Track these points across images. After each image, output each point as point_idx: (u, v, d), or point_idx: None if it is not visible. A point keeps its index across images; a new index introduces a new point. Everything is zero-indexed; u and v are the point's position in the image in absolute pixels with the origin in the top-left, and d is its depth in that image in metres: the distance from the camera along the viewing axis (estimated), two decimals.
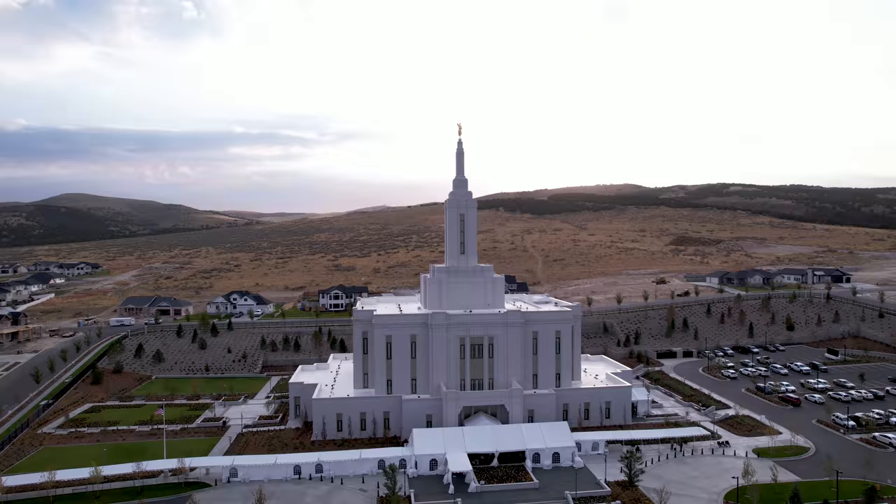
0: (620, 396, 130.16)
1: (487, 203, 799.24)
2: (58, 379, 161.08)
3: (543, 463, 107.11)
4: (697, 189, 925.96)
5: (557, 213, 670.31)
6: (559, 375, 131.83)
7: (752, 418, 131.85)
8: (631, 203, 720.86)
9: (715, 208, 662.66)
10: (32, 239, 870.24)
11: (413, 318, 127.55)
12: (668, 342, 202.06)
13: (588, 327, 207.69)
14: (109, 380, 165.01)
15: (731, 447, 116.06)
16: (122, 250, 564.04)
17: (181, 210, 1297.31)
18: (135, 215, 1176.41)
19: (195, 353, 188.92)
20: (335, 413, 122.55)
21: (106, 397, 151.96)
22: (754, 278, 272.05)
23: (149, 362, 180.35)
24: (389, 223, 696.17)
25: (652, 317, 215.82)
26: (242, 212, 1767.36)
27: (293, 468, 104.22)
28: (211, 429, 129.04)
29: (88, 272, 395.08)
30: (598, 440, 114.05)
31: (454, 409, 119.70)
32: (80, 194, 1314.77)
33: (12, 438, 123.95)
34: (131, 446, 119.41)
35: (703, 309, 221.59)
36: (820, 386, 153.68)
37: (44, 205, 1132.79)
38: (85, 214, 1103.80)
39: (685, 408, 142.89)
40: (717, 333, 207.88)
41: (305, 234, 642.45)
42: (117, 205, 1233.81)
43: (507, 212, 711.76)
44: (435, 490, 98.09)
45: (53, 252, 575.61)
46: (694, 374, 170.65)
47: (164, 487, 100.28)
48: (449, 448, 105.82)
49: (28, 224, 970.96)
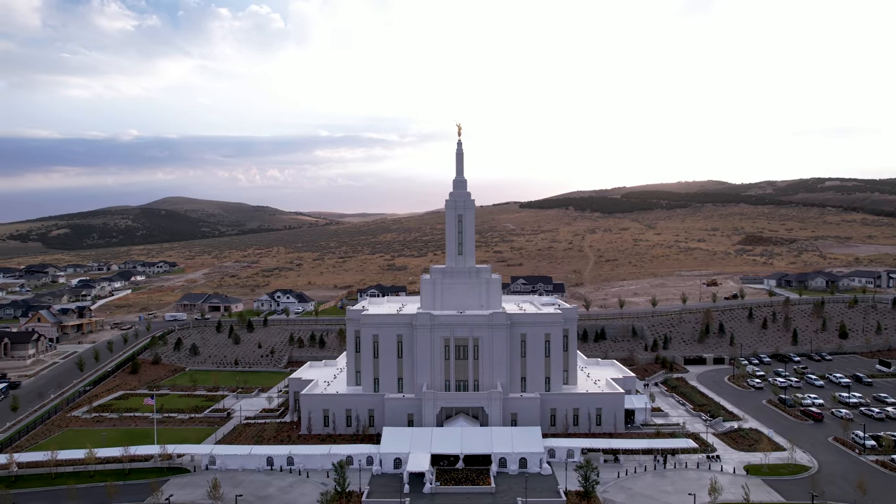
0: (612, 403, 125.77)
1: (557, 202, 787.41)
2: (101, 368, 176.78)
3: (510, 468, 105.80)
4: (787, 185, 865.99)
5: (629, 212, 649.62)
6: (549, 379, 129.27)
7: (758, 432, 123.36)
8: (709, 200, 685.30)
9: (801, 205, 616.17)
10: (136, 239, 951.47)
11: (399, 319, 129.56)
12: (699, 348, 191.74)
13: (616, 330, 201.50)
14: (146, 370, 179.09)
15: (721, 462, 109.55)
16: (203, 250, 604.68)
17: (267, 211, 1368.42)
18: (225, 217, 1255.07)
19: (229, 347, 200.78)
20: (322, 409, 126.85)
21: (137, 386, 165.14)
22: (816, 281, 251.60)
23: (185, 355, 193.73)
24: None
25: (687, 321, 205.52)
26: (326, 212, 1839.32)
27: (266, 459, 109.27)
28: (214, 419, 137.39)
29: (166, 270, 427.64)
30: (573, 447, 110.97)
31: (431, 409, 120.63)
32: (180, 197, 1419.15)
33: (45, 420, 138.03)
34: (140, 431, 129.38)
35: (745, 313, 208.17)
36: (853, 401, 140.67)
37: (147, 208, 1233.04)
38: (181, 216, 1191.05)
39: (693, 417, 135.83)
40: (756, 340, 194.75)
41: (373, 233, 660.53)
42: (210, 207, 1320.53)
43: (576, 210, 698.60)
44: (392, 488, 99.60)
45: (146, 251, 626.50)
46: (716, 383, 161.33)
47: (149, 471, 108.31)
48: (415, 448, 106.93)
49: (133, 226, 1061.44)
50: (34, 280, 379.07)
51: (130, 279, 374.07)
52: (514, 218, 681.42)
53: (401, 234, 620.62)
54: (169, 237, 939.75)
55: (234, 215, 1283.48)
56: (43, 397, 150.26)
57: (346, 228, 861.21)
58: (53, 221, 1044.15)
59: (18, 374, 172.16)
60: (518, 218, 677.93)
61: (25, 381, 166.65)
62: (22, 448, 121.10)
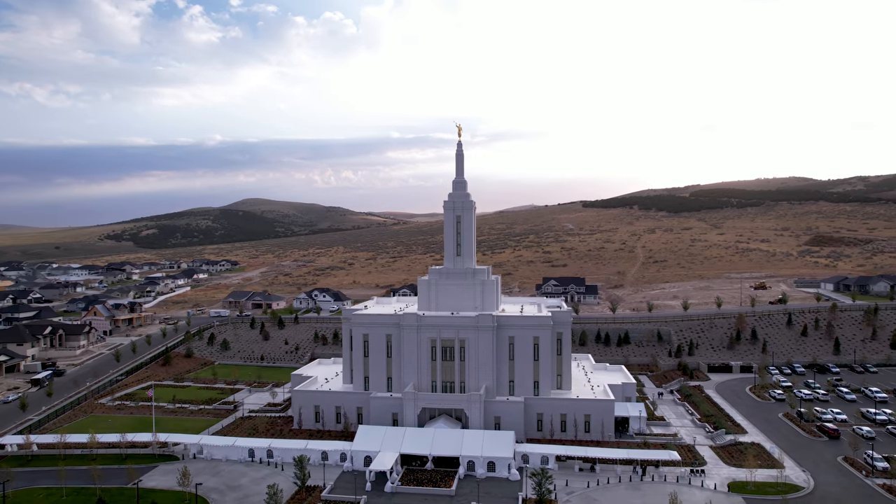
0: (600, 410, 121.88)
1: (622, 201, 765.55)
2: (137, 360, 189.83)
3: (478, 471, 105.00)
4: (882, 181, 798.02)
5: (695, 211, 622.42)
6: (537, 383, 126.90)
7: (759, 447, 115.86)
8: (785, 198, 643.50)
9: (893, 202, 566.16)
10: (214, 239, 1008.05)
11: (388, 319, 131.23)
12: (728, 355, 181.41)
13: (641, 335, 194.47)
14: (178, 363, 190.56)
15: (705, 476, 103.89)
16: (269, 249, 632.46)
17: (338, 212, 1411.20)
18: (298, 217, 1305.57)
19: (258, 343, 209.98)
20: (313, 405, 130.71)
21: (166, 377, 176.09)
22: (878, 285, 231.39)
23: (216, 350, 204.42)
24: (517, 222, 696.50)
25: (719, 326, 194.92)
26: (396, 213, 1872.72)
27: (248, 451, 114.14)
28: (220, 411, 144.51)
29: (228, 269, 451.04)
30: (548, 454, 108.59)
31: (412, 409, 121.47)
32: (258, 199, 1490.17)
33: (74, 406, 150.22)
34: (146, 419, 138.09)
35: (784, 319, 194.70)
36: (881, 417, 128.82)
37: (227, 209, 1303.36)
38: (258, 217, 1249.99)
39: (697, 428, 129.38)
40: (792, 348, 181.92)
41: (431, 233, 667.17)
42: (285, 208, 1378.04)
43: (641, 210, 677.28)
44: (357, 485, 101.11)
45: (217, 250, 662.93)
46: (736, 393, 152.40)
47: (144, 457, 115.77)
48: (386, 447, 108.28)
49: (213, 226, 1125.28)
50: (111, 277, 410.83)
51: (192, 277, 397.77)
52: (575, 217, 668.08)
53: None
54: (244, 237, 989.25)
55: (307, 216, 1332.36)
56: (78, 385, 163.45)
57: (408, 228, 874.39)
58: (144, 222, 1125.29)
59: (67, 363, 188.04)
60: (579, 217, 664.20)
61: (71, 369, 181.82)
62: (47, 430, 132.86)
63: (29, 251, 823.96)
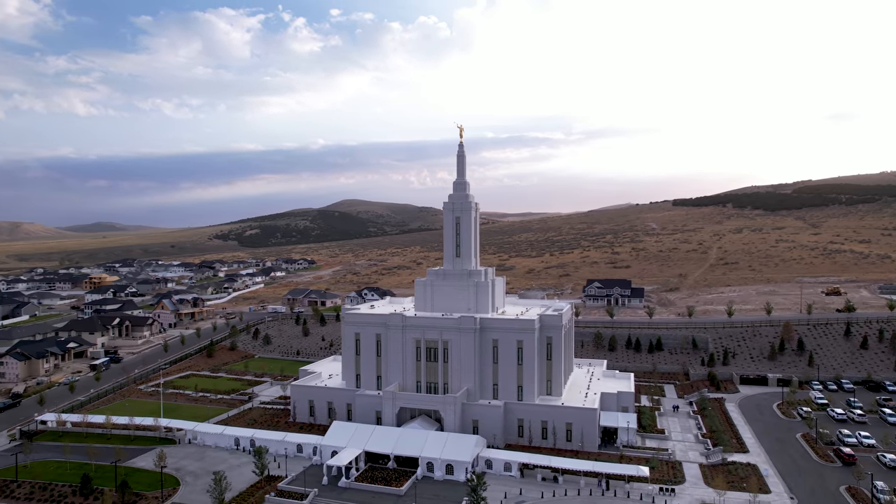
0: (582, 419, 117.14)
1: (716, 199, 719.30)
2: (185, 350, 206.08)
3: (436, 473, 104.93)
4: None
5: (797, 209, 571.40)
6: (521, 388, 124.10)
7: (753, 468, 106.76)
8: None
9: None
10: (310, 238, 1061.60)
11: (376, 318, 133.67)
12: (768, 366, 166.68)
13: (676, 341, 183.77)
14: (220, 355, 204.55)
15: (674, 496, 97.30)
16: (351, 249, 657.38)
17: (430, 212, 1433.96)
18: (391, 217, 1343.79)
19: (297, 339, 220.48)
20: (307, 399, 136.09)
21: (204, 368, 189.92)
22: None
23: (259, 344, 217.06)
24: (600, 222, 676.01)
25: (763, 334, 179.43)
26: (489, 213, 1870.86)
27: (234, 440, 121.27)
28: (235, 401, 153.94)
29: (305, 267, 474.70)
30: (511, 461, 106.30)
31: (391, 408, 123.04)
32: (354, 200, 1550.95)
33: (117, 390, 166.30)
34: (173, 405, 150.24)
35: (842, 329, 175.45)
36: None
37: (324, 210, 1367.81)
38: (353, 218, 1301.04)
39: (698, 444, 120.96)
40: (845, 361, 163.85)
41: (510, 233, 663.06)
42: (379, 209, 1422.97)
43: (735, 208, 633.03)
44: (319, 478, 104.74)
45: (305, 250, 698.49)
46: (760, 408, 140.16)
47: (148, 439, 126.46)
48: (353, 443, 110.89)
49: (310, 226, 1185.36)
50: (199, 274, 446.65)
51: (269, 274, 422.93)
52: (662, 217, 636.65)
53: (537, 234, 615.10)
54: (338, 237, 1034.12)
55: (400, 216, 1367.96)
56: (126, 371, 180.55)
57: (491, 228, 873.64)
58: (248, 223, 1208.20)
59: (127, 351, 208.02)
60: (665, 217, 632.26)
61: (128, 357, 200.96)
62: (86, 411, 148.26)
63: (149, 249, 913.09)
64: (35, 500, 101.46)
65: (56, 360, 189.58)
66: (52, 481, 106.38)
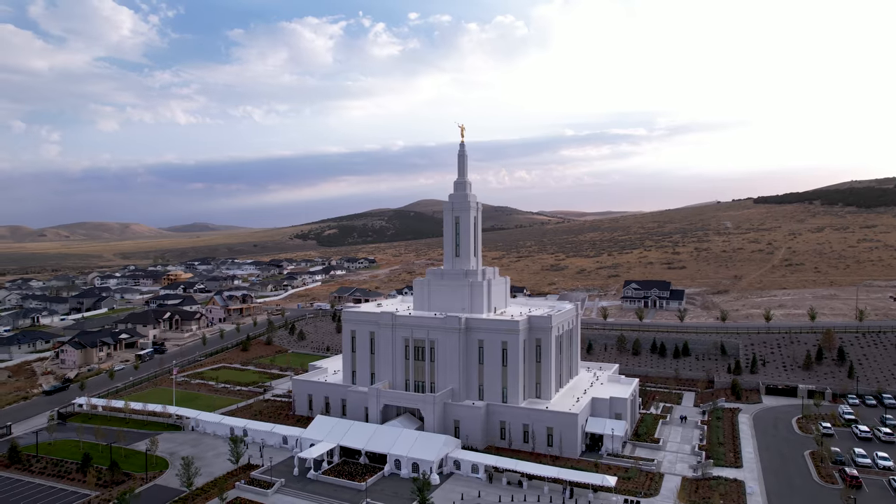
0: (562, 424, 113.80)
1: (802, 196, 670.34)
2: (224, 344, 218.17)
3: (402, 471, 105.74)
4: None
5: (893, 206, 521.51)
6: (506, 390, 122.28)
7: (738, 484, 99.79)
8: None
9: None
10: (385, 238, 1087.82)
11: (370, 317, 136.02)
12: (802, 376, 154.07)
13: (704, 346, 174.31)
14: (255, 349, 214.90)
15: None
16: (416, 248, 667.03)
17: (505, 212, 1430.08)
18: None
19: (330, 335, 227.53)
20: (307, 393, 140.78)
21: (235, 361, 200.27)
22: None
23: (294, 339, 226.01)
24: (673, 221, 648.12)
25: (801, 341, 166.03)
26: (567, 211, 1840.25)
27: (230, 429, 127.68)
28: (251, 393, 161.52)
29: (365, 266, 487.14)
30: (478, 462, 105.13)
31: (375, 405, 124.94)
32: (430, 200, 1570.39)
33: (152, 379, 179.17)
34: (193, 395, 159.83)
35: (892, 339, 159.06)
36: None
37: (400, 210, 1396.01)
38: (427, 218, 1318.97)
39: (692, 456, 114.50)
40: (893, 374, 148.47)
41: (578, 232, 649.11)
42: None
43: (823, 205, 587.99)
44: (291, 470, 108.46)
45: (373, 249, 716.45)
46: (777, 421, 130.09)
47: (158, 424, 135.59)
48: (330, 437, 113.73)
49: (386, 226, 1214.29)
50: (265, 272, 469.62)
51: (329, 273, 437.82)
52: (739, 215, 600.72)
53: (604, 233, 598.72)
54: (412, 236, 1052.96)
55: None
56: (164, 362, 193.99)
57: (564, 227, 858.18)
58: (328, 223, 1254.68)
59: (174, 343, 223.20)
60: (743, 215, 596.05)
61: (172, 349, 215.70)
62: (120, 397, 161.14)
63: (234, 248, 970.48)
64: (46, 474, 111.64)
65: (109, 349, 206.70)
66: (64, 458, 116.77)
